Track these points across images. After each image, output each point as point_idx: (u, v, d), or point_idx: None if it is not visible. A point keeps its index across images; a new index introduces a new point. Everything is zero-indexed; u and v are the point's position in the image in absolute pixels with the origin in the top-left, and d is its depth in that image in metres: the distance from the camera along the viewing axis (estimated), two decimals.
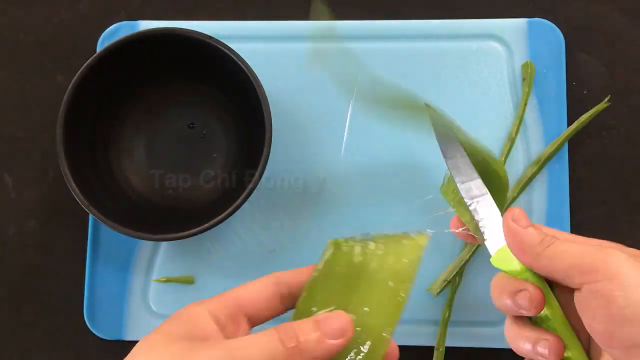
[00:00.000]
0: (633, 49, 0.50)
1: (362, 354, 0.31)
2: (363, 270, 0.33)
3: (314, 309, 0.32)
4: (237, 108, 0.47)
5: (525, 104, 0.47)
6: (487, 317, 0.46)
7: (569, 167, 0.48)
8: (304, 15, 0.50)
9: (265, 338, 0.29)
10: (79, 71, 0.42)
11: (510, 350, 0.46)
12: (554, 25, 0.49)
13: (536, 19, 0.49)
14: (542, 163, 0.47)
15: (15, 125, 0.50)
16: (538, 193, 0.47)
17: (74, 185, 0.42)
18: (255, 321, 0.32)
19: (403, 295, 0.32)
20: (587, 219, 0.48)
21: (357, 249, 0.34)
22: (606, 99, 0.47)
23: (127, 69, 0.45)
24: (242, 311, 0.32)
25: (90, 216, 0.48)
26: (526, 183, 0.47)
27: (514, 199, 0.47)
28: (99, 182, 0.45)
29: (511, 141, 0.47)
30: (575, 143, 0.48)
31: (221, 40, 0.43)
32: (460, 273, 0.46)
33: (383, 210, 0.47)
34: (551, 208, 0.47)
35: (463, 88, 0.49)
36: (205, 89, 0.48)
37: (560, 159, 0.47)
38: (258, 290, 0.32)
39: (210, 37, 0.43)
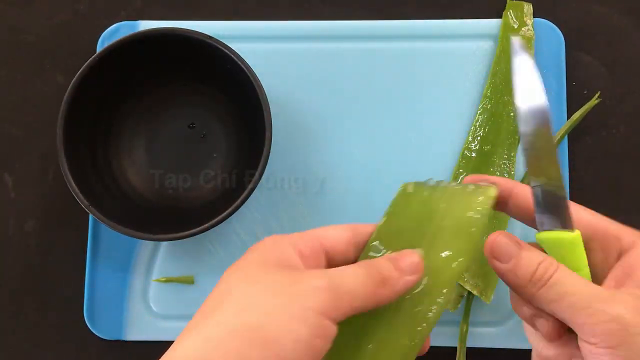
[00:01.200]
0: (633, 49, 0.50)
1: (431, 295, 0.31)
2: (432, 215, 0.32)
3: (383, 250, 0.32)
4: (237, 108, 0.47)
5: None
6: (487, 317, 0.46)
7: (569, 167, 0.48)
8: (304, 15, 0.50)
9: (358, 269, 0.29)
10: (79, 71, 0.42)
11: (509, 351, 0.46)
12: (554, 25, 0.49)
13: (536, 19, 0.49)
14: None
15: (15, 125, 0.50)
16: None
17: (74, 185, 0.42)
18: (331, 263, 0.32)
19: (474, 237, 0.31)
20: None
21: (426, 193, 0.33)
22: (596, 95, 0.48)
23: (127, 69, 0.45)
24: (323, 249, 0.32)
25: (90, 216, 0.48)
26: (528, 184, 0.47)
27: None
28: (99, 182, 0.45)
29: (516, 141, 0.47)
30: (575, 143, 0.48)
31: (221, 40, 0.43)
32: None
33: (383, 210, 0.47)
34: None
35: (462, 88, 0.49)
36: (205, 89, 0.48)
37: (560, 158, 0.47)
38: (339, 232, 0.33)
39: (210, 37, 0.43)
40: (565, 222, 0.30)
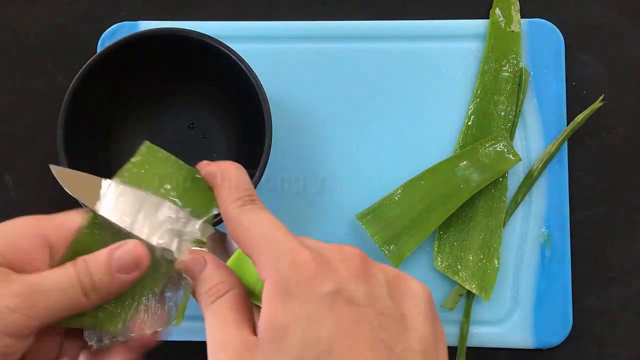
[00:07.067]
0: (633, 49, 0.50)
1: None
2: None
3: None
4: (237, 108, 0.47)
5: (520, 111, 0.48)
6: (486, 317, 0.46)
7: (569, 167, 0.48)
8: (304, 15, 0.50)
9: (63, 273, 0.29)
10: (80, 71, 0.42)
11: (508, 350, 0.47)
12: (553, 26, 0.49)
13: (536, 19, 0.49)
14: (543, 164, 0.47)
15: (15, 125, 0.50)
16: (538, 193, 0.47)
17: None
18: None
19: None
20: (587, 219, 0.48)
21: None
22: (600, 98, 0.48)
23: (127, 69, 0.45)
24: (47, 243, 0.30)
25: None
26: (529, 185, 0.47)
27: (517, 201, 0.47)
28: None
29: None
30: (575, 143, 0.48)
31: (221, 40, 0.43)
32: None
33: None
34: (551, 208, 0.47)
35: (458, 87, 0.49)
36: (205, 89, 0.48)
37: (560, 159, 0.47)
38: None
39: (210, 37, 0.43)
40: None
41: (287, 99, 0.49)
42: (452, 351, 0.46)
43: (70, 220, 0.31)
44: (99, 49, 0.50)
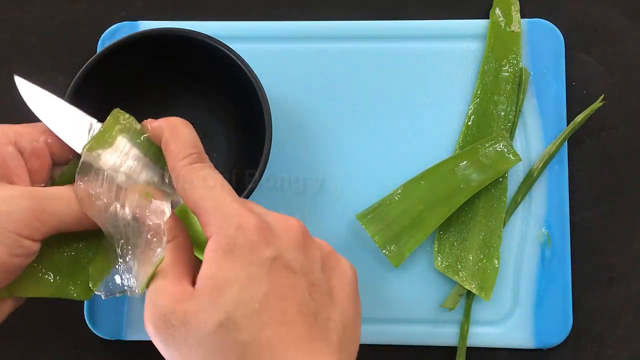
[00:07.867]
0: (633, 49, 0.50)
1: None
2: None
3: None
4: (238, 108, 0.47)
5: (520, 111, 0.48)
6: (486, 317, 0.46)
7: (569, 167, 0.48)
8: (304, 15, 0.50)
9: (64, 188, 0.31)
10: (80, 71, 0.42)
11: (508, 350, 0.47)
12: (553, 26, 0.49)
13: (536, 19, 0.49)
14: (543, 164, 0.47)
15: None
16: (538, 193, 0.47)
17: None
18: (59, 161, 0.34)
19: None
20: (587, 219, 0.48)
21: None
22: (600, 98, 0.47)
23: (127, 69, 0.45)
24: (49, 149, 0.33)
25: None
26: (529, 185, 0.47)
27: (517, 201, 0.47)
28: None
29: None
30: (575, 143, 0.48)
31: (221, 40, 0.43)
32: None
33: None
34: (551, 208, 0.47)
35: (458, 87, 0.49)
36: (205, 89, 0.48)
37: (560, 159, 0.47)
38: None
39: (210, 37, 0.43)
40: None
41: (287, 99, 0.49)
42: (452, 351, 0.46)
43: (37, 130, 0.34)
44: (99, 49, 0.50)
